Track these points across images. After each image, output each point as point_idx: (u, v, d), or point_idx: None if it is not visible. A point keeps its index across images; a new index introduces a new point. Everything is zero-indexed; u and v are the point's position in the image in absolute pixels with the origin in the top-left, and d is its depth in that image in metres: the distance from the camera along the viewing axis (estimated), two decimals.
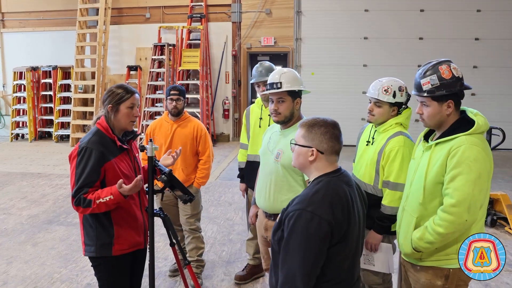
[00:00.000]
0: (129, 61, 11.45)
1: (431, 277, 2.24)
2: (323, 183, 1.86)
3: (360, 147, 2.98)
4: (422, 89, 2.21)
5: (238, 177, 4.04)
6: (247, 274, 3.94)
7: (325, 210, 1.76)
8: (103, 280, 2.56)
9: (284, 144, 2.68)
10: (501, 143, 5.80)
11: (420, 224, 2.24)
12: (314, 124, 1.92)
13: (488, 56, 10.49)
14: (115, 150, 2.50)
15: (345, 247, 1.82)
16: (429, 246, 2.17)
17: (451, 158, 2.09)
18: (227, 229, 5.27)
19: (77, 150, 2.43)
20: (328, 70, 10.92)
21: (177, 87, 3.74)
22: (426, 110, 2.23)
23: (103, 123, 2.51)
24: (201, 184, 3.82)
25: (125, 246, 2.52)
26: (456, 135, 2.13)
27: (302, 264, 1.73)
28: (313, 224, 1.74)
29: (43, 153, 9.82)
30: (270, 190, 2.75)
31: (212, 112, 11.25)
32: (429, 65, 2.23)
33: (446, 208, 2.09)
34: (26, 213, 5.77)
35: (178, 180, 2.64)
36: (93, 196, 2.36)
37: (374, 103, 2.81)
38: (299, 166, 1.98)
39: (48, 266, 4.24)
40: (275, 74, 2.72)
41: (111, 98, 2.50)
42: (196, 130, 3.76)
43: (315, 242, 1.74)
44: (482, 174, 2.07)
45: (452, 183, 2.08)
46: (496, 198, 5.46)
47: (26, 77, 11.11)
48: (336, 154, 1.93)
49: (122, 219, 2.50)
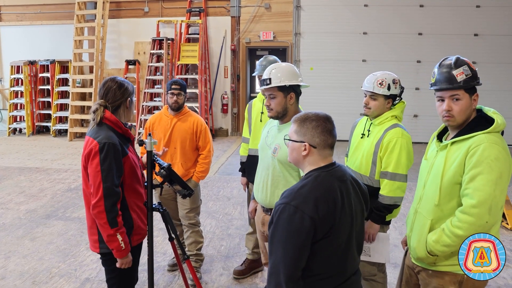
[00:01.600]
0: (128, 55, 11.40)
1: (444, 282, 2.15)
2: (311, 178, 1.86)
3: (353, 141, 3.03)
4: (456, 81, 2.08)
5: (239, 171, 4.05)
6: (245, 268, 3.94)
7: (308, 205, 1.76)
8: (115, 272, 2.52)
9: (281, 139, 2.68)
10: None
11: (435, 227, 2.14)
12: (306, 119, 1.91)
13: (487, 52, 10.49)
14: (127, 143, 2.50)
15: (332, 243, 1.81)
16: (446, 249, 2.07)
17: (470, 157, 1.99)
18: (226, 223, 5.26)
19: (98, 146, 2.33)
20: (327, 65, 10.91)
21: (178, 81, 3.71)
22: (458, 105, 2.08)
23: (113, 118, 2.44)
24: (200, 178, 3.81)
25: (139, 237, 2.54)
26: (475, 133, 2.04)
27: (284, 257, 1.75)
28: (295, 218, 1.75)
29: (41, 148, 9.79)
30: (267, 185, 2.76)
31: (211, 106, 11.22)
32: (450, 59, 2.14)
33: (466, 209, 1.99)
34: (24, 207, 5.76)
35: (177, 174, 2.63)
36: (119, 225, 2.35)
37: (370, 96, 2.89)
38: (293, 161, 1.98)
39: (47, 261, 4.22)
40: (268, 69, 2.72)
41: (127, 92, 2.49)
42: (196, 125, 3.73)
43: (297, 236, 1.75)
44: (503, 173, 1.98)
45: (472, 183, 1.98)
46: None
47: (23, 71, 11.05)
48: (330, 148, 1.92)
49: (137, 208, 2.50)
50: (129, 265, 2.47)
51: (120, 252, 2.38)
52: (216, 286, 3.79)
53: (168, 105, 3.74)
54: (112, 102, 2.47)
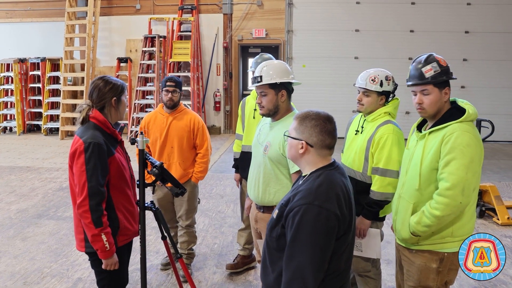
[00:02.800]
0: (119, 53, 11.33)
1: (426, 259, 2.32)
2: (324, 176, 1.84)
3: (349, 137, 3.07)
4: (424, 77, 2.28)
5: (233, 167, 4.06)
6: (238, 263, 3.95)
7: (331, 203, 1.75)
8: (105, 273, 2.51)
9: (273, 136, 2.69)
10: (490, 135, 5.91)
11: (416, 209, 2.32)
12: (306, 117, 1.90)
13: (477, 49, 10.60)
14: (115, 143, 2.48)
15: (346, 240, 1.82)
16: (427, 229, 2.24)
17: (445, 145, 2.18)
18: (219, 221, 5.26)
19: (82, 146, 2.32)
20: (319, 62, 10.94)
21: (173, 78, 3.63)
22: (428, 98, 2.29)
23: (100, 117, 2.42)
24: (199, 179, 3.75)
25: (126, 237, 2.52)
26: (449, 123, 2.23)
27: (313, 260, 1.70)
28: (322, 218, 1.72)
29: (32, 147, 9.70)
30: (259, 182, 2.77)
31: (203, 104, 11.19)
32: (423, 56, 2.33)
33: (441, 191, 2.18)
34: (15, 207, 5.70)
35: (169, 173, 2.62)
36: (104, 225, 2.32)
37: (363, 92, 2.91)
38: (291, 158, 1.97)
39: (38, 261, 4.19)
40: (259, 67, 2.72)
41: (114, 90, 2.45)
42: (193, 123, 3.66)
43: (325, 236, 1.72)
44: (474, 158, 2.17)
45: (446, 167, 2.17)
46: (485, 189, 5.54)
47: (13, 69, 10.93)
48: (328, 148, 1.89)
49: (124, 208, 2.48)
50: (115, 267, 2.43)
51: (105, 253, 2.36)
52: (209, 284, 3.78)
53: (163, 103, 3.66)
54: (98, 101, 2.44)
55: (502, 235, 4.85)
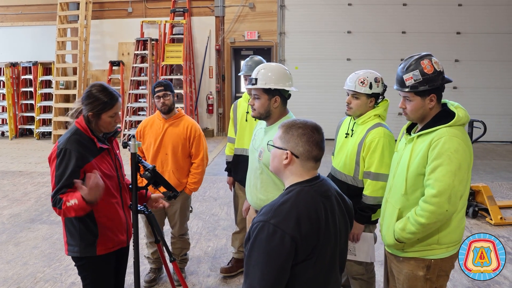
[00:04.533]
0: (111, 56, 11.31)
1: (413, 267, 2.28)
2: (293, 193, 1.69)
3: (339, 140, 3.04)
4: (405, 84, 2.23)
5: (225, 171, 4.03)
6: (232, 266, 3.95)
7: (289, 224, 1.60)
8: (87, 280, 2.52)
9: (266, 142, 2.62)
10: (483, 135, 5.92)
11: (402, 215, 2.28)
12: (293, 125, 1.75)
13: (469, 50, 10.68)
14: (95, 150, 2.42)
15: (314, 265, 1.65)
16: (411, 236, 2.20)
17: (432, 150, 2.13)
18: (213, 224, 5.26)
19: (56, 151, 2.35)
20: (312, 64, 10.97)
21: (161, 82, 3.52)
22: (409, 105, 2.25)
23: (82, 123, 2.41)
24: (193, 190, 3.65)
25: (109, 245, 2.49)
26: (437, 127, 2.17)
27: (262, 281, 1.58)
28: (275, 238, 1.58)
29: (25, 151, 9.65)
30: (256, 188, 2.74)
31: (196, 107, 11.19)
32: (411, 60, 2.25)
33: (427, 198, 2.12)
34: (8, 212, 5.67)
35: (161, 176, 2.62)
36: (64, 197, 2.27)
37: (352, 95, 2.87)
38: (274, 170, 1.81)
39: (31, 266, 4.17)
40: (257, 69, 2.68)
41: (92, 106, 2.39)
42: (189, 130, 3.55)
43: (277, 258, 1.58)
44: (462, 165, 2.11)
45: (433, 174, 2.11)
46: (478, 189, 5.55)
47: (5, 73, 10.87)
48: (314, 161, 1.75)
49: (105, 218, 2.45)
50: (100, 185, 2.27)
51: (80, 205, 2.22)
52: (203, 287, 3.79)
53: (159, 110, 3.57)
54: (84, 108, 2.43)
55: (496, 235, 4.85)
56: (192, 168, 3.62)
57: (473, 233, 4.84)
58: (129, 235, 2.63)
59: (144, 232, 3.76)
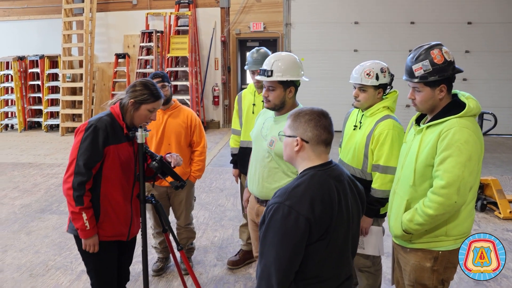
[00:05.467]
0: (117, 49, 11.33)
1: (420, 259, 2.27)
2: (307, 176, 1.77)
3: (346, 132, 2.99)
4: (414, 75, 2.20)
5: (231, 163, 4.03)
6: (239, 259, 3.98)
7: (304, 206, 1.68)
8: (90, 265, 2.57)
9: (278, 131, 2.62)
10: (493, 128, 5.78)
11: (410, 206, 2.26)
12: (299, 113, 1.84)
13: (480, 40, 10.36)
14: (122, 137, 2.48)
15: (327, 245, 1.73)
16: (419, 227, 2.19)
17: (442, 141, 2.10)
18: (219, 215, 5.32)
19: (85, 125, 2.41)
20: (318, 55, 10.83)
21: (158, 73, 3.53)
22: (419, 95, 2.22)
23: (116, 109, 2.50)
24: (197, 178, 3.69)
25: (108, 233, 2.51)
26: (447, 117, 2.14)
27: (277, 260, 1.67)
28: (290, 219, 1.66)
29: (33, 143, 9.76)
30: (263, 176, 2.73)
31: (202, 99, 11.22)
32: (420, 49, 2.21)
33: (435, 190, 2.10)
34: (19, 202, 5.78)
35: (169, 166, 2.65)
36: (85, 210, 2.37)
37: (359, 88, 2.82)
38: (287, 158, 1.90)
39: (43, 254, 4.27)
40: (270, 60, 2.66)
41: (136, 94, 2.48)
42: (190, 119, 3.59)
43: (291, 238, 1.66)
44: (472, 156, 2.08)
45: (442, 165, 2.09)
46: (487, 183, 5.47)
47: (13, 66, 10.95)
48: (324, 144, 1.81)
49: (110, 207, 2.49)
50: (95, 249, 2.45)
51: (84, 232, 2.39)
52: (210, 276, 3.85)
53: None
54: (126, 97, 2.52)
55: (504, 229, 4.86)
56: (194, 156, 3.65)
57: (480, 227, 4.84)
58: (132, 231, 2.64)
59: (151, 222, 3.82)
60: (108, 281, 2.61)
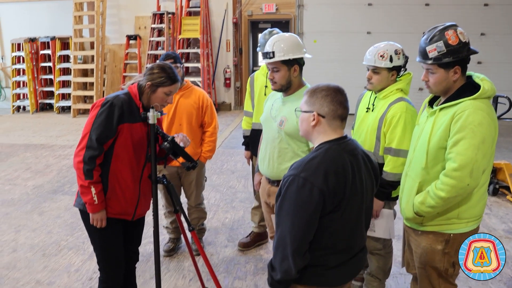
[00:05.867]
0: (128, 31, 11.28)
1: (431, 241, 2.26)
2: (322, 150, 1.83)
3: (359, 114, 2.96)
4: (428, 57, 2.16)
5: (242, 145, 4.03)
6: (250, 241, 3.99)
7: (318, 177, 1.73)
8: (96, 241, 2.59)
9: (287, 111, 2.66)
10: (507, 112, 5.70)
11: (422, 189, 2.24)
12: (316, 89, 1.90)
13: (497, 22, 10.13)
14: (137, 117, 2.49)
15: (340, 217, 1.79)
16: (431, 210, 2.17)
17: (455, 123, 2.07)
18: (230, 196, 5.32)
19: (102, 101, 2.43)
20: (331, 37, 10.71)
21: (170, 54, 3.52)
22: (432, 77, 2.18)
23: (134, 89, 2.51)
24: (208, 158, 3.69)
25: (113, 210, 2.52)
26: (461, 99, 2.10)
27: (292, 229, 1.74)
28: (305, 190, 1.72)
29: (45, 125, 9.83)
30: (274, 157, 2.74)
31: (213, 81, 11.16)
32: (435, 30, 2.17)
33: (448, 172, 2.08)
34: (31, 183, 5.83)
35: (180, 147, 2.63)
36: (94, 184, 2.39)
37: (372, 70, 2.78)
38: (303, 133, 1.95)
39: (55, 234, 4.31)
40: (271, 42, 2.65)
41: (153, 76, 2.49)
42: (202, 100, 3.57)
43: (306, 209, 1.73)
44: (486, 139, 2.05)
45: (455, 147, 2.06)
46: (499, 167, 5.44)
47: (24, 48, 10.97)
48: (340, 119, 1.87)
49: (117, 184, 2.50)
50: (102, 224, 2.47)
51: (92, 206, 2.41)
52: (221, 257, 3.86)
53: None
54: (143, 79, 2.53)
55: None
56: (206, 136, 3.65)
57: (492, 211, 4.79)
58: (138, 212, 2.64)
59: (163, 202, 3.83)
60: (114, 257, 2.62)
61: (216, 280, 2.87)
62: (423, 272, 2.36)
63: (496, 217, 4.71)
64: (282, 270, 1.77)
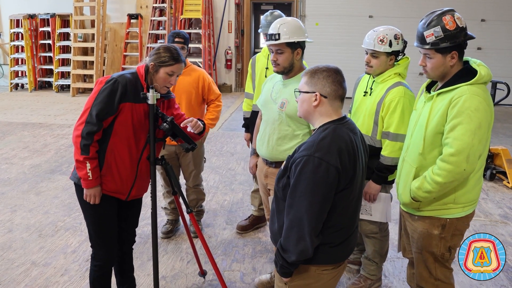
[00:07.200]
0: (130, 9, 11.13)
1: (428, 226, 2.29)
2: (330, 129, 1.85)
3: (356, 98, 2.98)
4: (425, 41, 2.17)
5: (243, 127, 4.01)
6: (249, 224, 3.99)
7: (332, 156, 1.76)
8: (88, 217, 2.56)
9: (288, 94, 2.67)
10: (505, 98, 5.76)
11: (419, 174, 2.26)
12: (316, 70, 1.92)
13: (497, 8, 10.13)
14: (140, 98, 2.45)
15: (349, 194, 1.84)
16: (428, 195, 2.19)
17: (452, 108, 2.09)
18: (229, 179, 5.29)
19: (107, 78, 2.42)
20: (333, 20, 10.64)
21: (181, 34, 3.49)
22: (430, 62, 2.20)
23: (141, 70, 2.50)
24: (210, 126, 3.67)
25: (106, 186, 2.50)
26: (458, 85, 2.12)
27: (310, 209, 1.75)
28: (321, 169, 1.74)
29: (44, 103, 9.74)
30: (273, 139, 2.75)
31: (215, 62, 11.05)
32: (432, 15, 2.17)
33: (445, 157, 2.10)
34: (28, 162, 5.79)
35: (180, 128, 2.59)
36: (89, 160, 2.37)
37: (371, 54, 2.79)
38: (303, 114, 1.97)
39: (52, 215, 4.28)
40: (275, 24, 2.67)
41: (155, 57, 2.47)
42: (201, 79, 3.56)
43: (323, 188, 1.75)
44: (482, 124, 2.07)
45: (452, 132, 2.08)
46: (497, 152, 5.50)
47: (23, 25, 10.81)
48: (340, 100, 1.92)
49: (114, 163, 2.47)
50: (96, 201, 2.45)
51: (87, 182, 2.40)
52: (219, 239, 3.84)
53: None
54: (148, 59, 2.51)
55: None
56: (211, 107, 3.66)
57: (489, 196, 4.80)
58: (133, 193, 2.61)
59: (161, 182, 3.80)
60: (106, 234, 2.60)
61: (214, 263, 2.87)
62: (419, 257, 2.39)
63: (493, 202, 4.72)
64: (297, 251, 1.79)
